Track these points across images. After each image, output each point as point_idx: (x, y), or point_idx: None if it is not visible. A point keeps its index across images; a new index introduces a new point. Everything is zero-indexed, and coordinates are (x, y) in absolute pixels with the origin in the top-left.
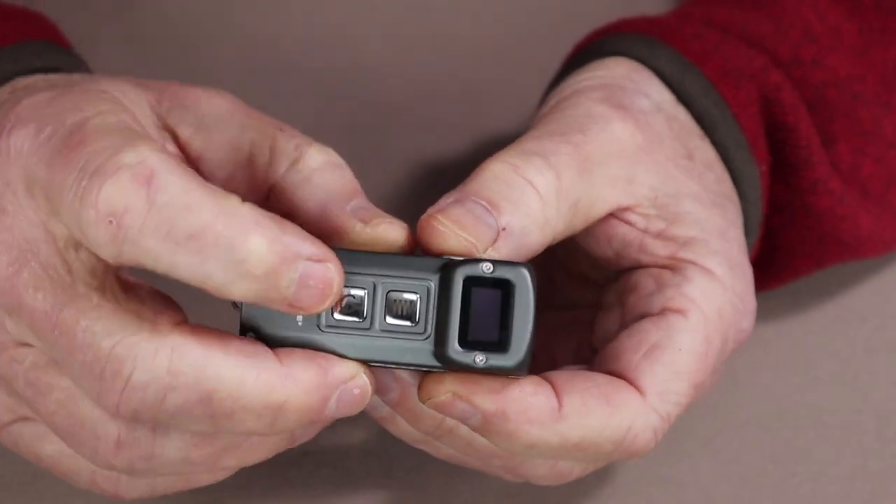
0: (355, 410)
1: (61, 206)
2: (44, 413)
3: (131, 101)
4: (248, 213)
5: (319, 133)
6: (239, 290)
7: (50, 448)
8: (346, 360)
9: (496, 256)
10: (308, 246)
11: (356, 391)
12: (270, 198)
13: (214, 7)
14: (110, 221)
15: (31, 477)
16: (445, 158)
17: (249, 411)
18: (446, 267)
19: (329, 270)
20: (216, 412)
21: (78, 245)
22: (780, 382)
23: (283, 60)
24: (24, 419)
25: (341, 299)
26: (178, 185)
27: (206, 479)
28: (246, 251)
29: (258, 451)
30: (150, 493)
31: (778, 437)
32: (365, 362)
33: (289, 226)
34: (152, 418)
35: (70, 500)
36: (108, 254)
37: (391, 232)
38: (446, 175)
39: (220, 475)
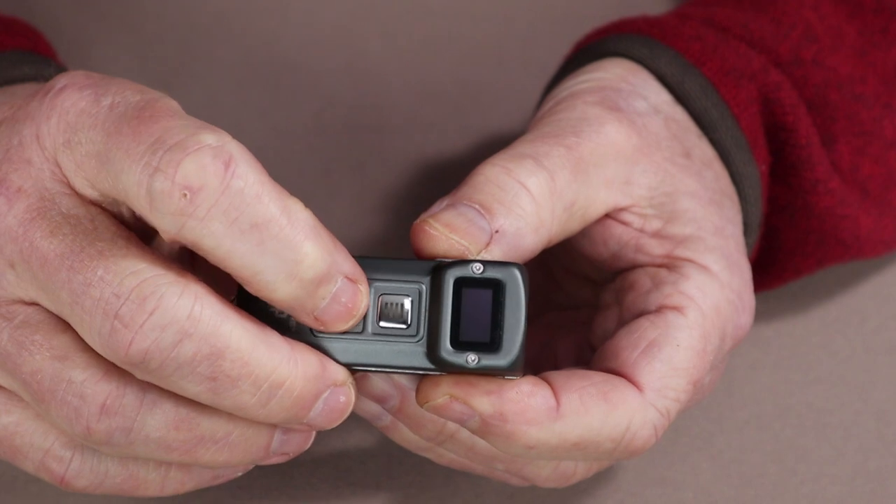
0: (332, 423)
1: (124, 172)
2: (24, 371)
3: None
4: (310, 219)
5: (319, 133)
6: (283, 290)
7: (6, 419)
8: (340, 367)
9: (487, 258)
10: (349, 265)
11: (342, 398)
12: None
13: (214, 7)
14: (184, 195)
15: (33, 476)
16: (445, 158)
17: (252, 381)
18: (437, 269)
19: (360, 294)
20: (221, 373)
21: (102, 210)
22: (779, 382)
23: (283, 60)
24: None
25: None
26: (253, 175)
27: (154, 487)
28: (303, 253)
29: (232, 453)
30: (97, 485)
31: (778, 437)
32: (359, 366)
33: (337, 241)
34: (158, 367)
35: (70, 500)
36: (171, 226)
37: None
38: (446, 175)
39: (172, 486)
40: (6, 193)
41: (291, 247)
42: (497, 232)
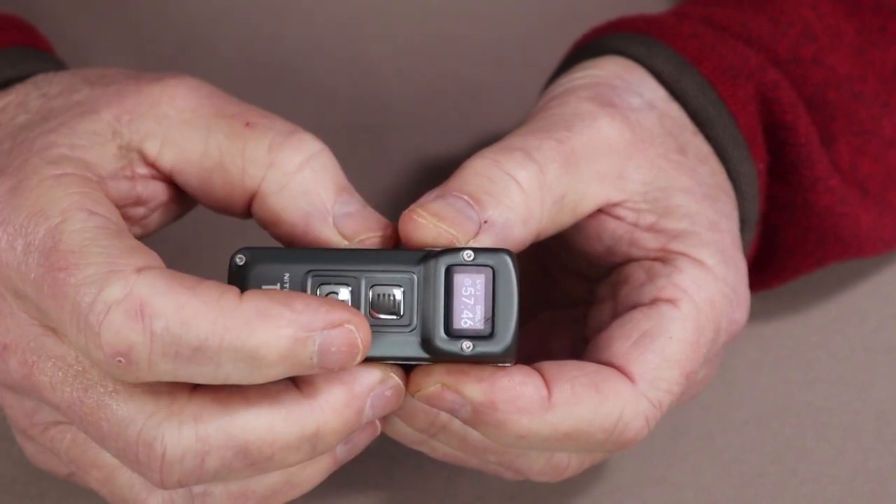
0: (394, 408)
1: (68, 336)
2: (91, 486)
3: (85, 148)
4: (249, 306)
5: (319, 133)
6: (260, 376)
7: None
8: (371, 367)
9: (477, 245)
10: (322, 316)
11: (388, 392)
12: (253, 205)
13: (214, 7)
14: (119, 361)
15: (33, 477)
16: (445, 158)
17: (287, 449)
18: (428, 257)
19: (349, 333)
20: (255, 460)
21: None
22: (779, 382)
23: (283, 60)
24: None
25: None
26: (170, 305)
27: None
28: (254, 346)
29: (302, 488)
30: None
31: (777, 437)
32: None
33: (298, 300)
34: (198, 482)
35: (71, 501)
36: (129, 380)
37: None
38: (446, 175)
39: None
40: None
41: (240, 348)
42: (486, 223)
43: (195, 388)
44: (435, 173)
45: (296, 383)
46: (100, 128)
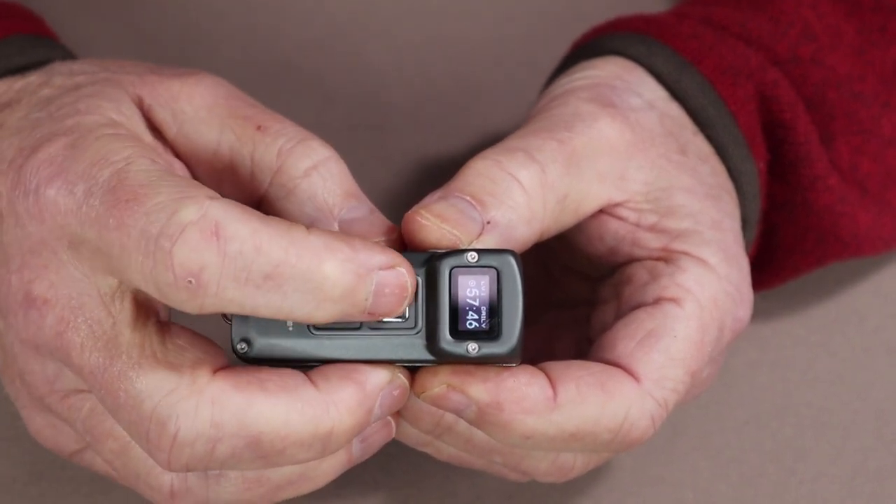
0: (399, 406)
1: (129, 269)
2: (104, 458)
3: (129, 117)
4: (317, 240)
5: (319, 132)
6: (322, 314)
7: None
8: (378, 367)
9: (480, 247)
10: (378, 256)
11: (396, 392)
12: (261, 210)
13: (214, 7)
14: (189, 282)
15: (33, 477)
16: (445, 158)
17: (299, 445)
18: (432, 259)
19: (401, 275)
20: (266, 452)
21: (123, 295)
22: (778, 381)
23: (283, 60)
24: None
25: None
26: (244, 230)
27: None
28: (322, 277)
29: (315, 482)
30: None
31: (776, 437)
32: (359, 361)
33: (356, 240)
34: (205, 468)
35: (71, 501)
36: (190, 309)
37: None
38: (446, 175)
39: None
40: (37, 307)
41: (309, 278)
42: (489, 223)
43: (216, 372)
44: (435, 173)
45: (311, 380)
46: (132, 103)
